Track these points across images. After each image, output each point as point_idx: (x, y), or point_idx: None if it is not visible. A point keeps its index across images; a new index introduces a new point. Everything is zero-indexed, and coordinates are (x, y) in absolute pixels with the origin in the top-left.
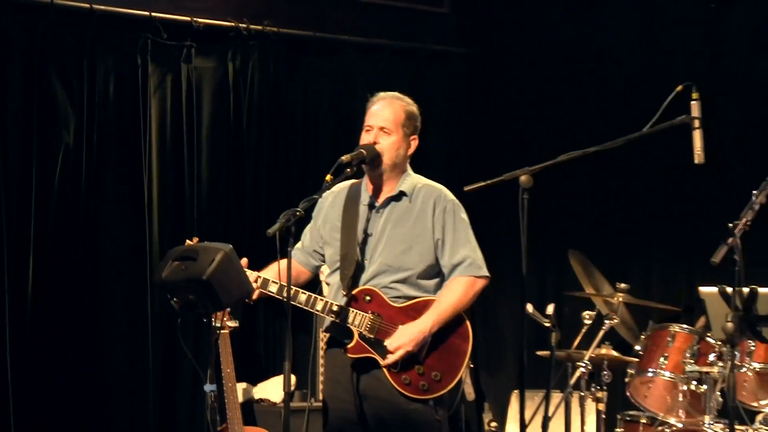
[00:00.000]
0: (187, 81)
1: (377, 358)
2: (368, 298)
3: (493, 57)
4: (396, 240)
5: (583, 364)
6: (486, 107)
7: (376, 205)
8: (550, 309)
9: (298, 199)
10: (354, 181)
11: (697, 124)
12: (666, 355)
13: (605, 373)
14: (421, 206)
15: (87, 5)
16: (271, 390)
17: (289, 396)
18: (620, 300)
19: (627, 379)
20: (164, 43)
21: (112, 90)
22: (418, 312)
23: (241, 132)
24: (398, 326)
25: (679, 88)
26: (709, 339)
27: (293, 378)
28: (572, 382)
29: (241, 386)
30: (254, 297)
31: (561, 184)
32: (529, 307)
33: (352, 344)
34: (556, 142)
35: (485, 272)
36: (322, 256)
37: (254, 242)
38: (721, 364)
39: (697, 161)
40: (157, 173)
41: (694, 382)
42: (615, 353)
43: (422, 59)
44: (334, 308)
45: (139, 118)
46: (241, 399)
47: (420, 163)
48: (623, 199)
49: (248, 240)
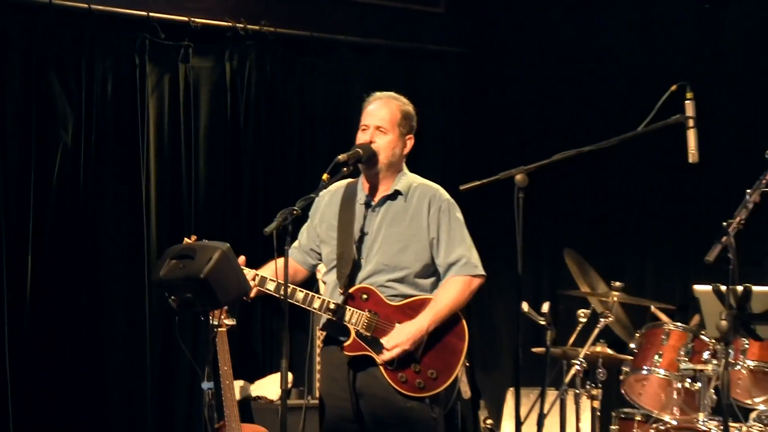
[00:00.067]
0: (184, 81)
1: (374, 355)
2: (365, 297)
3: (489, 57)
4: (392, 239)
5: (579, 362)
6: (481, 107)
7: (373, 203)
8: (546, 307)
9: (295, 197)
10: (350, 180)
11: (692, 123)
12: (660, 353)
13: (600, 370)
14: (417, 205)
15: (85, 5)
16: (269, 387)
17: (286, 393)
18: (615, 299)
19: (622, 377)
20: (162, 43)
21: (110, 89)
22: (415, 310)
23: (238, 131)
24: (395, 324)
25: (674, 87)
26: (703, 337)
27: (290, 376)
28: (567, 379)
29: (239, 384)
30: (251, 295)
31: (556, 183)
32: (525, 306)
33: (348, 342)
34: (552, 141)
35: (481, 271)
36: (319, 254)
37: (251, 241)
38: (715, 362)
39: (691, 160)
40: (155, 172)
41: (689, 380)
42: (610, 351)
43: (418, 59)
44: (331, 306)
45: (136, 118)
46: (238, 396)
47: (416, 163)
48: (618, 199)
49: (245, 239)
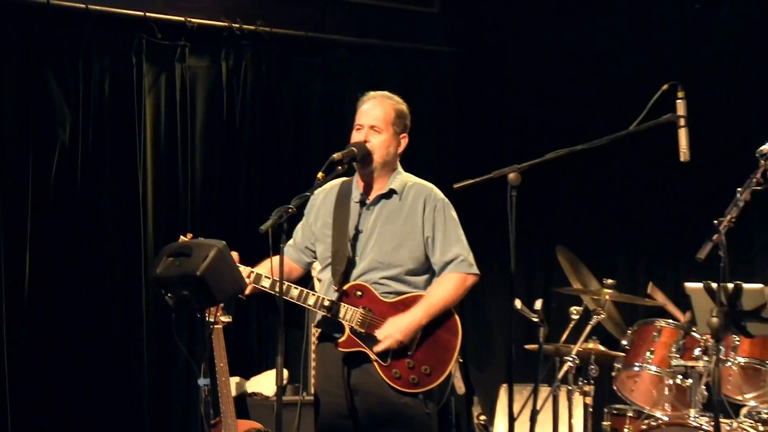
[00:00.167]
0: (181, 80)
1: (368, 351)
2: (359, 294)
3: (482, 56)
4: (386, 237)
5: (571, 359)
6: (475, 106)
7: (367, 202)
8: (538, 304)
9: (290, 196)
10: (345, 178)
11: (683, 122)
12: (652, 349)
13: (592, 367)
14: (411, 204)
15: (83, 5)
16: (264, 384)
17: (281, 390)
18: (607, 296)
19: (614, 373)
20: (158, 43)
21: (108, 89)
22: (408, 307)
23: (234, 130)
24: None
25: (665, 87)
26: (694, 334)
27: (285, 372)
28: (560, 376)
29: (234, 380)
30: (247, 292)
31: (549, 182)
32: (518, 303)
33: (343, 339)
34: (545, 140)
35: (476, 270)
36: (314, 252)
37: (247, 239)
38: (706, 359)
39: (682, 159)
40: (152, 171)
41: (680, 376)
42: (602, 348)
43: (412, 59)
44: (326, 303)
45: (133, 117)
46: (234, 393)
47: (410, 161)
48: (610, 197)
49: (241, 237)
